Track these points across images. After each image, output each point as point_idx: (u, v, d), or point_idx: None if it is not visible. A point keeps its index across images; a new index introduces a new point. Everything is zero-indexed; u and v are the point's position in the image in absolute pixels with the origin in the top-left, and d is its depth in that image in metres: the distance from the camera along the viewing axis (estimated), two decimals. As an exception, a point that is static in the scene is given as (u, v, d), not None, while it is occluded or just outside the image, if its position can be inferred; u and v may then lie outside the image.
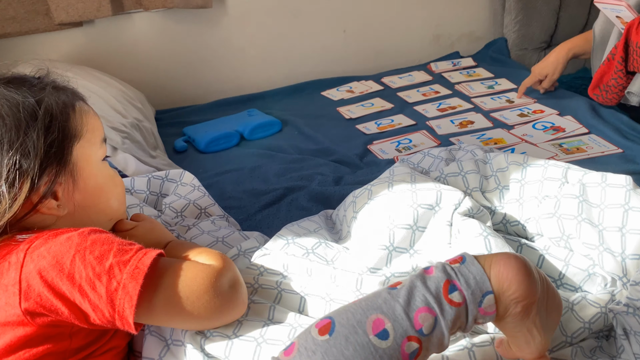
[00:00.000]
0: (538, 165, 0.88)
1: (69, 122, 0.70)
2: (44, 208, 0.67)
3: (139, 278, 0.60)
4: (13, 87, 0.68)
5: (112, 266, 0.60)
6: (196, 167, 1.50)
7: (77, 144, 0.70)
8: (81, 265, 0.60)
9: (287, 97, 1.95)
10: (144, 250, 0.63)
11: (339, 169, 1.42)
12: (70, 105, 0.72)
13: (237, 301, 0.66)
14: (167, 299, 0.62)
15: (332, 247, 0.80)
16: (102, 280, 0.60)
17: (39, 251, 0.61)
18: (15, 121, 0.65)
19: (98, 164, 0.74)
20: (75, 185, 0.70)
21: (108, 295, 0.60)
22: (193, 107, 1.93)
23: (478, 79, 1.92)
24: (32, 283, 0.60)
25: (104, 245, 0.62)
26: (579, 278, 0.78)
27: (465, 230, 0.75)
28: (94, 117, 0.75)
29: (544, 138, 1.46)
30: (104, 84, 1.51)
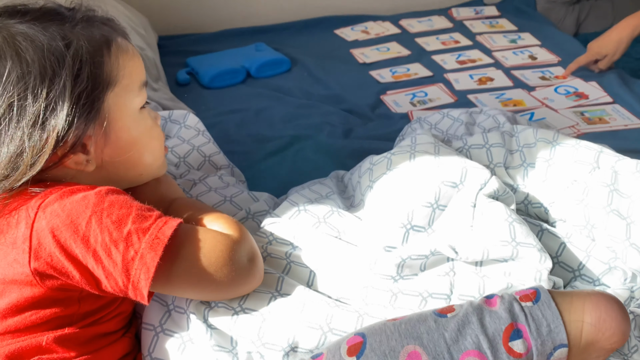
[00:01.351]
0: (569, 145, 0.82)
1: (102, 68, 0.62)
2: (71, 163, 0.62)
3: (159, 249, 0.56)
4: (40, 25, 0.60)
5: (130, 233, 0.56)
6: (199, 104, 1.43)
7: (111, 92, 0.63)
8: (97, 229, 0.56)
9: (298, 32, 1.85)
10: (164, 218, 0.59)
11: (349, 119, 1.35)
12: (106, 44, 0.63)
13: (255, 274, 0.63)
14: (185, 270, 0.59)
15: (344, 216, 0.76)
16: (119, 247, 0.56)
17: (52, 208, 0.56)
18: (40, 68, 0.58)
19: (134, 114, 0.67)
20: (106, 138, 0.63)
21: (124, 264, 0.56)
22: (198, 35, 1.83)
23: (501, 30, 1.82)
24: (43, 241, 0.55)
25: (122, 209, 0.57)
26: (598, 270, 0.74)
27: (489, 214, 0.71)
28: (133, 58, 0.66)
29: (566, 104, 1.39)
30: (105, 6, 1.40)
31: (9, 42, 0.59)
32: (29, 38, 0.59)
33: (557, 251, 0.76)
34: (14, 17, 0.61)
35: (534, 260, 0.67)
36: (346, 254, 0.70)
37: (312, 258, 0.70)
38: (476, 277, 0.67)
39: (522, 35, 1.78)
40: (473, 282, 0.67)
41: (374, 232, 0.73)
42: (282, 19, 1.90)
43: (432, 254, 0.68)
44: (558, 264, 0.76)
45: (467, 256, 0.68)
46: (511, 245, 0.68)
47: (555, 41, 1.74)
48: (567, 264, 0.75)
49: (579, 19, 1.99)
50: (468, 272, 0.68)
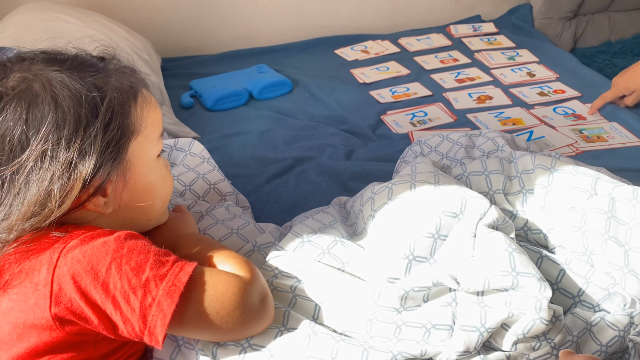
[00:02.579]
0: (566, 171, 0.84)
1: (129, 118, 0.65)
2: (90, 205, 0.64)
3: (175, 296, 0.58)
4: (77, 74, 0.63)
5: (148, 280, 0.58)
6: (203, 127, 1.45)
7: (134, 140, 0.66)
8: (117, 275, 0.58)
9: (299, 53, 1.87)
10: (180, 263, 0.61)
11: (351, 140, 1.37)
12: (133, 95, 0.66)
13: (267, 314, 0.65)
14: (197, 314, 0.60)
15: (348, 247, 0.78)
16: (137, 294, 0.58)
17: (73, 253, 0.58)
18: (76, 117, 0.60)
19: (152, 162, 0.70)
20: (125, 183, 0.66)
21: (141, 311, 0.58)
22: (200, 57, 1.85)
23: (499, 47, 1.85)
24: (64, 287, 0.57)
25: (140, 255, 0.59)
26: (598, 296, 0.76)
27: (489, 244, 0.72)
28: (155, 109, 0.70)
29: (564, 122, 1.41)
30: (111, 33, 1.43)
31: (46, 89, 0.61)
32: (67, 87, 0.61)
33: (556, 277, 0.77)
34: (51, 64, 0.63)
35: (534, 289, 0.69)
36: (350, 286, 0.71)
37: (317, 291, 0.71)
38: (477, 307, 0.69)
39: (520, 52, 1.80)
40: (475, 312, 0.68)
41: (377, 264, 0.74)
42: (283, 39, 1.93)
43: (435, 285, 0.70)
44: (558, 290, 0.77)
45: (468, 286, 0.70)
46: (511, 275, 0.69)
47: (553, 57, 1.76)
48: (566, 290, 0.77)
49: (576, 34, 2.02)
50: (469, 302, 0.70)
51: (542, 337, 0.69)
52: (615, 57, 1.96)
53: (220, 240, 0.80)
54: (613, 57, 1.96)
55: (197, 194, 0.98)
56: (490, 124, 1.41)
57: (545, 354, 0.69)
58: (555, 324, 0.69)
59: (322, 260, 0.75)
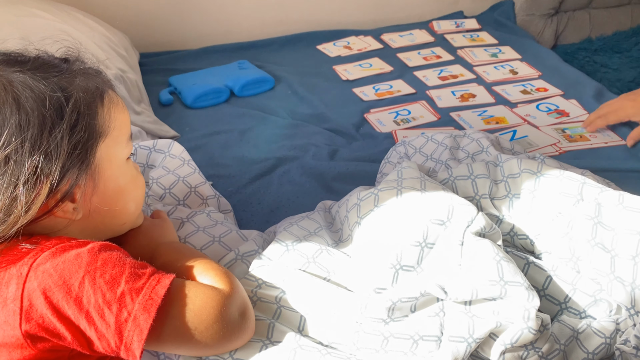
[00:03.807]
0: (552, 176, 0.83)
1: (96, 119, 0.63)
2: (59, 211, 0.61)
3: (152, 310, 0.56)
4: (40, 75, 0.60)
5: (123, 294, 0.56)
6: (182, 125, 1.42)
7: (102, 142, 0.64)
8: (90, 289, 0.55)
9: (281, 48, 1.85)
10: (157, 275, 0.59)
11: (334, 139, 1.36)
12: (99, 97, 0.64)
13: (247, 328, 0.63)
14: (175, 329, 0.58)
15: (333, 255, 0.76)
16: (112, 309, 0.55)
17: (44, 267, 0.56)
18: (40, 118, 0.58)
19: (121, 164, 0.68)
20: (94, 188, 0.64)
21: (117, 326, 0.55)
22: (180, 52, 1.81)
23: (481, 44, 1.84)
24: (35, 302, 0.55)
25: (115, 268, 0.57)
26: (584, 303, 0.75)
27: (477, 253, 0.71)
28: (122, 111, 0.68)
29: (547, 121, 1.41)
30: (87, 29, 1.39)
31: (8, 90, 0.58)
32: (29, 87, 0.59)
33: (543, 284, 0.77)
34: (12, 65, 0.61)
35: (522, 298, 0.68)
36: (336, 297, 0.70)
37: (302, 302, 0.69)
38: (465, 317, 0.68)
39: (502, 49, 1.80)
40: (463, 323, 0.67)
41: (363, 274, 0.73)
42: (264, 34, 1.90)
43: (422, 295, 0.68)
44: (545, 296, 0.77)
45: (456, 296, 0.69)
46: (499, 284, 0.68)
47: (535, 54, 1.76)
48: (553, 296, 0.76)
49: (557, 30, 2.03)
50: (457, 312, 0.69)
51: (529, 346, 0.68)
52: (595, 54, 1.97)
53: (201, 249, 0.78)
54: (594, 54, 1.98)
55: (177, 198, 0.95)
56: (473, 122, 1.40)
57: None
58: (543, 333, 0.68)
59: (307, 270, 0.73)
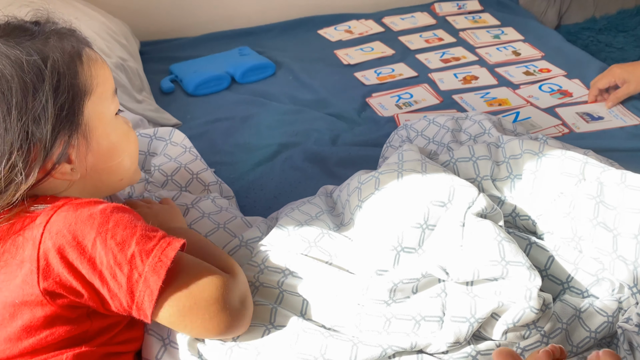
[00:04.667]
0: (554, 156, 0.83)
1: (78, 78, 0.64)
2: (57, 174, 0.63)
3: (162, 272, 0.57)
4: (13, 41, 0.60)
5: (134, 255, 0.58)
6: (184, 113, 1.42)
7: (88, 101, 0.65)
8: (102, 251, 0.57)
9: (282, 34, 1.83)
10: (168, 239, 0.60)
11: (336, 124, 1.35)
12: (77, 55, 0.64)
13: (243, 319, 0.63)
14: (178, 297, 0.59)
15: (335, 239, 0.76)
16: (124, 269, 0.57)
17: (57, 227, 0.58)
18: (22, 84, 0.59)
19: (111, 120, 0.69)
20: (88, 146, 0.65)
21: (128, 286, 0.57)
22: (180, 40, 1.80)
23: (484, 26, 1.82)
24: (51, 261, 0.57)
25: (126, 229, 0.59)
26: (587, 282, 0.75)
27: (478, 233, 0.71)
28: (103, 66, 0.68)
29: (550, 102, 1.40)
30: (86, 18, 1.38)
31: None
32: (4, 54, 0.59)
33: (545, 264, 0.77)
34: None
35: (524, 278, 0.68)
36: (338, 280, 0.70)
37: (305, 286, 0.70)
38: (467, 297, 0.68)
39: (505, 30, 1.78)
40: (465, 303, 0.68)
41: (365, 256, 0.73)
42: (265, 20, 1.88)
43: (424, 276, 0.69)
44: (547, 276, 0.77)
45: (457, 277, 0.69)
46: (501, 264, 0.69)
47: (538, 35, 1.74)
48: (555, 276, 0.76)
49: (560, 10, 2.01)
50: (459, 293, 0.69)
51: (532, 325, 0.68)
52: (599, 34, 1.95)
53: (207, 235, 0.78)
54: (598, 34, 1.95)
55: (179, 184, 0.96)
56: (476, 105, 1.39)
57: (536, 342, 0.68)
58: (545, 312, 0.69)
59: (309, 254, 0.73)
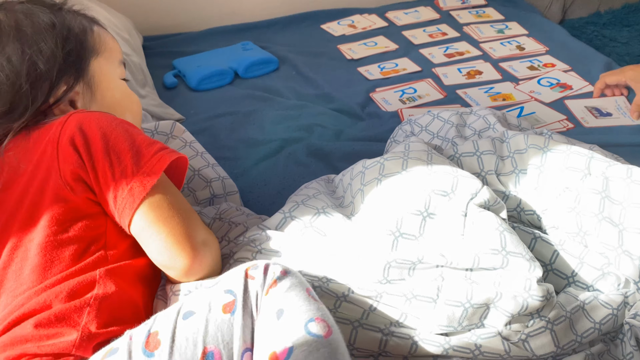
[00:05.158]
0: (560, 151, 0.83)
1: (87, 38, 0.76)
2: (60, 113, 0.72)
3: (147, 185, 0.66)
4: (36, 7, 0.74)
5: (126, 166, 0.66)
6: (187, 108, 1.42)
7: (95, 59, 0.76)
8: (101, 154, 0.67)
9: (285, 28, 1.83)
10: (159, 155, 0.68)
11: (339, 119, 1.35)
12: (89, 26, 0.78)
13: (203, 256, 0.68)
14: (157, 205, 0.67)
15: (331, 216, 0.77)
16: (115, 176, 0.66)
17: (70, 124, 0.68)
18: (34, 28, 0.71)
19: (116, 80, 0.80)
20: (92, 96, 0.76)
21: (114, 196, 0.66)
22: (183, 34, 1.80)
23: (488, 20, 1.81)
24: (65, 151, 0.67)
25: (125, 142, 0.68)
26: (592, 277, 0.75)
27: (480, 223, 0.72)
28: (113, 40, 0.81)
29: (553, 96, 1.39)
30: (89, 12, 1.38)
31: (9, 17, 0.72)
32: (22, 11, 0.73)
33: (550, 258, 0.77)
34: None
35: (524, 269, 0.68)
36: (331, 259, 0.71)
37: (299, 265, 0.71)
38: (464, 282, 0.69)
39: (509, 25, 1.77)
40: (461, 288, 0.68)
41: (362, 238, 0.73)
42: (268, 15, 1.88)
43: (420, 261, 0.69)
44: (552, 271, 0.77)
45: (457, 263, 0.69)
46: (501, 254, 0.69)
47: (542, 29, 1.74)
48: (560, 271, 0.76)
49: (565, 5, 2.00)
50: (457, 278, 0.69)
51: (535, 314, 0.69)
52: (604, 28, 1.94)
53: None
54: (602, 28, 1.95)
55: (182, 181, 0.96)
56: (480, 100, 1.39)
57: (540, 327, 0.68)
58: (550, 300, 0.69)
59: (304, 235, 0.74)
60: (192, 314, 0.57)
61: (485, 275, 0.71)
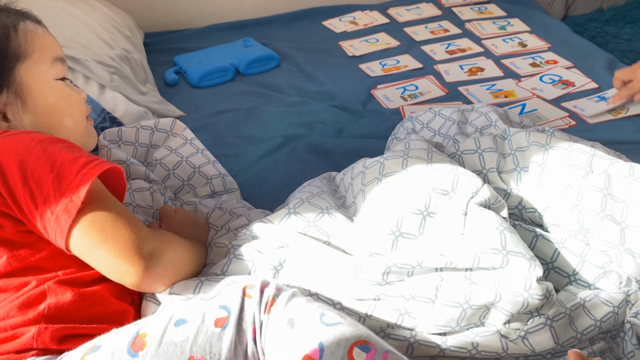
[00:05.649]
0: (561, 148, 0.82)
1: (10, 43, 0.70)
2: None
3: (72, 212, 0.61)
4: None
5: (48, 195, 0.61)
6: (188, 104, 1.42)
7: (22, 64, 0.70)
8: (19, 184, 0.61)
9: (286, 25, 1.82)
10: (82, 173, 0.62)
11: (341, 116, 1.34)
12: (12, 26, 0.71)
13: (153, 268, 0.64)
14: (89, 230, 0.62)
15: (334, 218, 0.76)
16: (38, 208, 0.61)
17: None
18: None
19: (49, 82, 0.73)
20: (23, 105, 0.70)
21: (41, 222, 0.62)
22: (184, 31, 1.79)
23: (490, 17, 1.81)
24: None
25: (45, 166, 0.62)
26: (593, 275, 0.75)
27: (480, 222, 0.71)
28: (43, 36, 0.74)
29: (555, 93, 1.39)
30: (89, 9, 1.38)
31: None
32: None
33: (551, 257, 0.76)
34: None
35: (524, 269, 0.68)
36: (333, 259, 0.71)
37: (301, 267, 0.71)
38: (464, 283, 0.68)
39: (511, 22, 1.77)
40: (460, 288, 0.68)
41: (362, 238, 0.73)
42: (269, 11, 1.87)
43: (420, 265, 0.69)
44: (553, 269, 0.76)
45: (457, 263, 0.69)
46: (501, 253, 0.69)
47: (545, 26, 1.73)
48: (562, 269, 0.76)
49: (567, 1, 1.99)
50: (456, 279, 0.69)
51: (535, 312, 0.68)
52: (607, 25, 1.93)
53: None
54: (605, 25, 1.93)
55: (181, 178, 0.95)
56: (482, 97, 1.38)
57: (539, 324, 0.68)
58: (549, 298, 0.68)
59: (308, 233, 0.74)
60: (184, 322, 0.58)
61: (485, 275, 0.70)
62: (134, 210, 0.83)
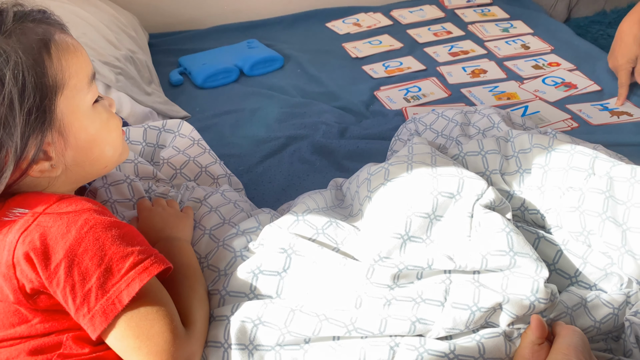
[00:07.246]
0: (564, 151, 0.83)
1: (47, 75, 0.60)
2: (36, 172, 0.63)
3: (110, 316, 0.58)
4: None
5: (89, 291, 0.59)
6: (193, 105, 1.43)
7: (61, 96, 0.61)
8: (62, 275, 0.59)
9: (290, 27, 1.83)
10: (130, 276, 0.59)
11: (344, 117, 1.35)
12: (45, 48, 0.60)
13: None
14: (124, 335, 0.59)
15: (342, 228, 0.77)
16: (76, 300, 0.59)
17: (32, 237, 0.59)
18: None
19: (88, 111, 0.65)
20: (66, 142, 0.63)
21: (76, 315, 0.59)
22: (189, 32, 1.80)
23: (493, 19, 1.81)
24: (23, 267, 0.59)
25: (94, 259, 0.59)
26: (595, 277, 0.76)
27: (486, 224, 0.72)
28: (75, 54, 0.63)
29: (557, 95, 1.39)
30: (94, 9, 1.39)
31: None
32: None
33: (553, 258, 0.77)
34: None
35: (531, 270, 0.68)
36: (342, 264, 0.71)
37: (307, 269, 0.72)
38: (472, 285, 0.68)
39: (514, 24, 1.77)
40: (468, 291, 0.68)
41: (371, 243, 0.74)
42: (273, 13, 1.88)
43: (429, 266, 0.69)
44: (555, 271, 0.77)
45: (466, 264, 0.69)
46: (509, 255, 0.69)
47: (547, 28, 1.74)
48: (563, 270, 0.77)
49: (570, 3, 1.99)
50: (464, 281, 0.69)
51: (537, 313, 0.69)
52: (609, 27, 1.93)
53: (212, 229, 0.79)
54: (607, 27, 1.94)
55: (188, 178, 0.96)
56: (484, 98, 1.39)
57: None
58: (553, 302, 0.69)
59: (317, 240, 0.74)
60: None
61: (493, 277, 0.70)
62: (112, 207, 0.80)
